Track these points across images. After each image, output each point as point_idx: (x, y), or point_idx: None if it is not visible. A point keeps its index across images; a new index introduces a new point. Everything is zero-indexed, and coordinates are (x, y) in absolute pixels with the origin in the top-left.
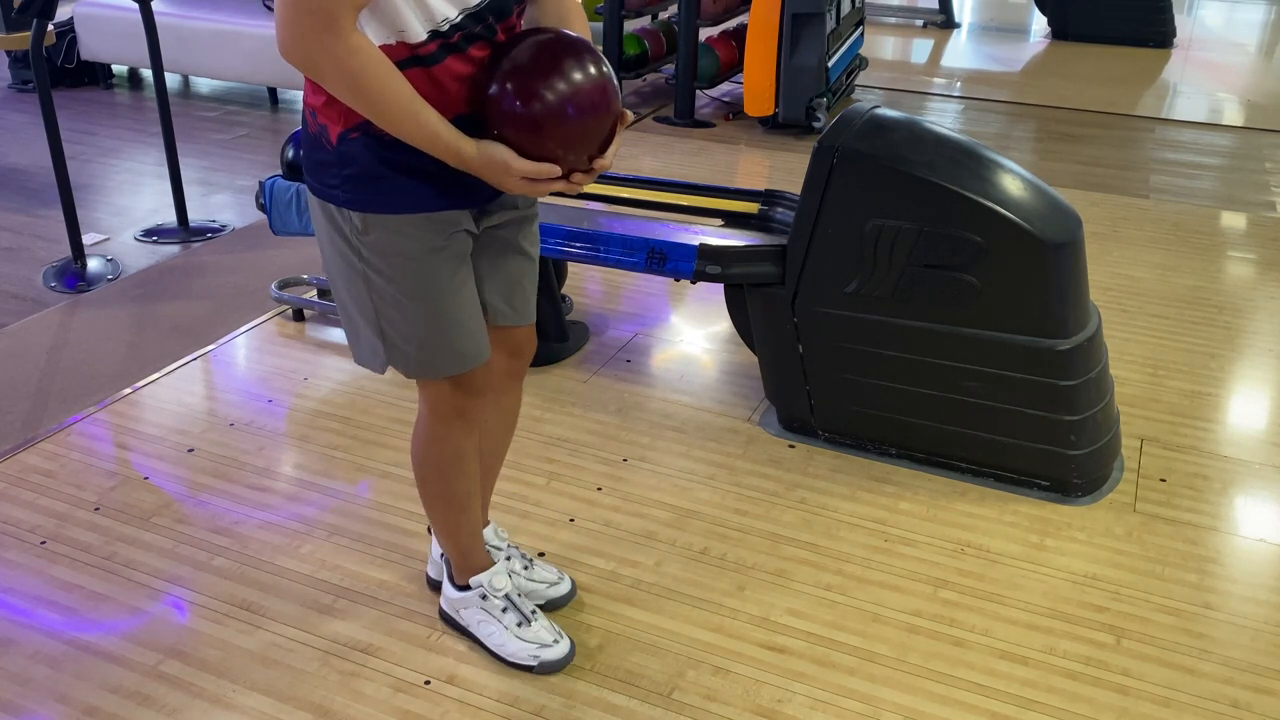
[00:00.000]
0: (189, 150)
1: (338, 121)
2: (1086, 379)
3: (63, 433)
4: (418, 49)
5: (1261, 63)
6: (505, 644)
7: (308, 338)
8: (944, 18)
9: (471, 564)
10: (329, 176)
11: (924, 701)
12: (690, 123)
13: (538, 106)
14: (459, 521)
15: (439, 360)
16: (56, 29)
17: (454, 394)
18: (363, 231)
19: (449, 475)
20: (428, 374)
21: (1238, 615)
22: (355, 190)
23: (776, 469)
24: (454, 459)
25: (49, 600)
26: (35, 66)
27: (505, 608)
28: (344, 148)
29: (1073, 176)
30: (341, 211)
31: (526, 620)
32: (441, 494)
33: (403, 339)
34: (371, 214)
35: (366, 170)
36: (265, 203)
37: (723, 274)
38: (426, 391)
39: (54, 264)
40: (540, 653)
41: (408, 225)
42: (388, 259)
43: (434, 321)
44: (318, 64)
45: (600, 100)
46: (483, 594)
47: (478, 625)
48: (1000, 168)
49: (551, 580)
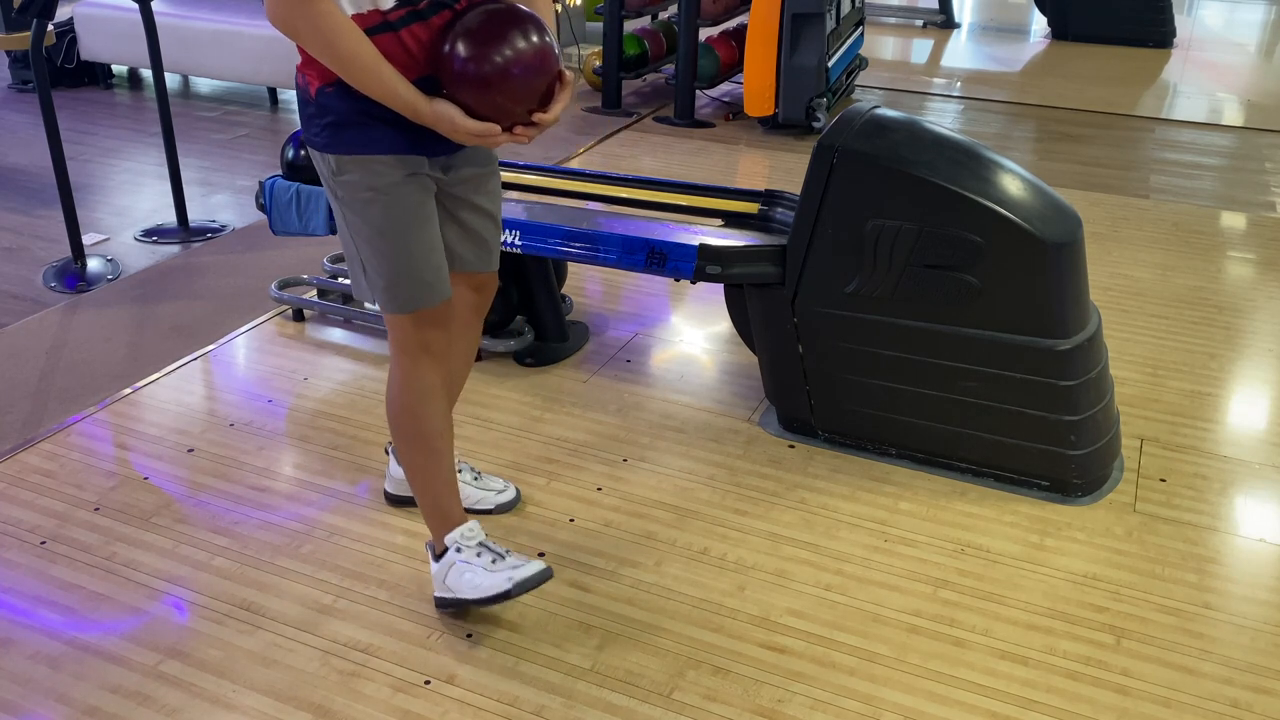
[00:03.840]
0: (189, 150)
1: (317, 78)
2: (1086, 379)
3: (63, 433)
4: (388, 14)
5: (1261, 63)
6: (481, 582)
7: (308, 338)
8: (944, 18)
9: (448, 519)
10: (313, 126)
11: (924, 701)
12: (690, 123)
13: (483, 66)
14: (431, 468)
15: (405, 293)
16: (56, 29)
17: (416, 329)
18: (339, 172)
19: (420, 414)
20: (395, 307)
21: (1238, 615)
22: (331, 135)
23: (776, 469)
24: (422, 396)
25: (49, 600)
26: (35, 66)
27: (479, 552)
28: (322, 100)
29: (1073, 176)
30: (324, 156)
31: (500, 557)
32: (414, 433)
33: (374, 270)
34: (344, 155)
35: (340, 118)
36: (265, 203)
37: (723, 274)
38: (394, 330)
39: (54, 264)
40: (513, 574)
41: (375, 164)
42: (358, 195)
43: (399, 254)
44: (296, 28)
45: (535, 61)
46: (458, 547)
47: (459, 580)
48: (1000, 168)
49: (498, 489)
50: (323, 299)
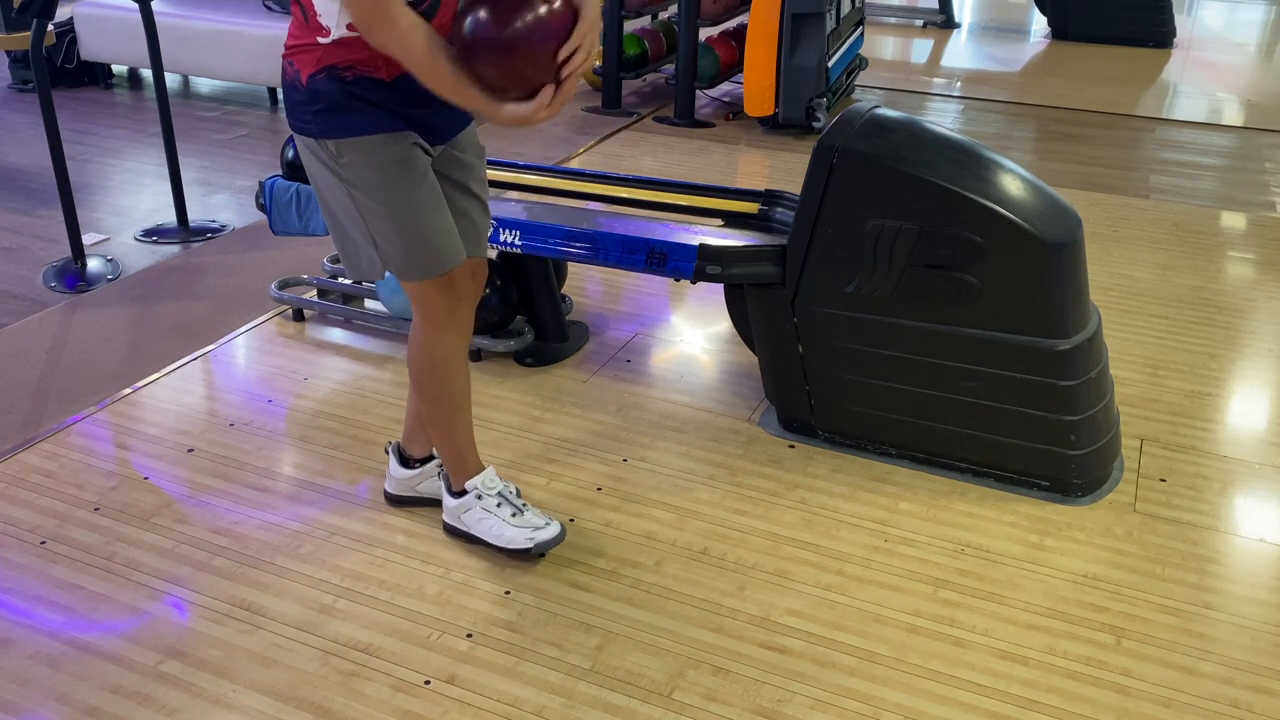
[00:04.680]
0: (189, 150)
1: (307, 66)
2: (1086, 379)
3: (63, 433)
4: (418, 5)
5: (1261, 63)
6: (503, 532)
7: (308, 338)
8: (944, 18)
9: (466, 467)
10: (303, 113)
11: (924, 701)
12: (690, 123)
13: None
14: (454, 422)
15: (423, 258)
16: (56, 29)
17: (440, 297)
18: (338, 155)
19: (443, 377)
20: (415, 273)
21: (1238, 615)
22: (326, 121)
23: (776, 469)
24: (446, 360)
25: (49, 600)
26: (35, 66)
27: (500, 503)
28: (313, 86)
29: (1073, 176)
30: (320, 142)
31: (519, 510)
32: (437, 395)
33: (389, 244)
34: (341, 139)
35: (332, 104)
36: (265, 203)
37: (723, 274)
38: (418, 298)
39: (54, 264)
40: (534, 534)
41: (372, 144)
42: (362, 175)
43: (411, 222)
44: (385, 44)
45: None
46: (478, 494)
47: (478, 524)
48: (1000, 168)
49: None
50: (323, 299)
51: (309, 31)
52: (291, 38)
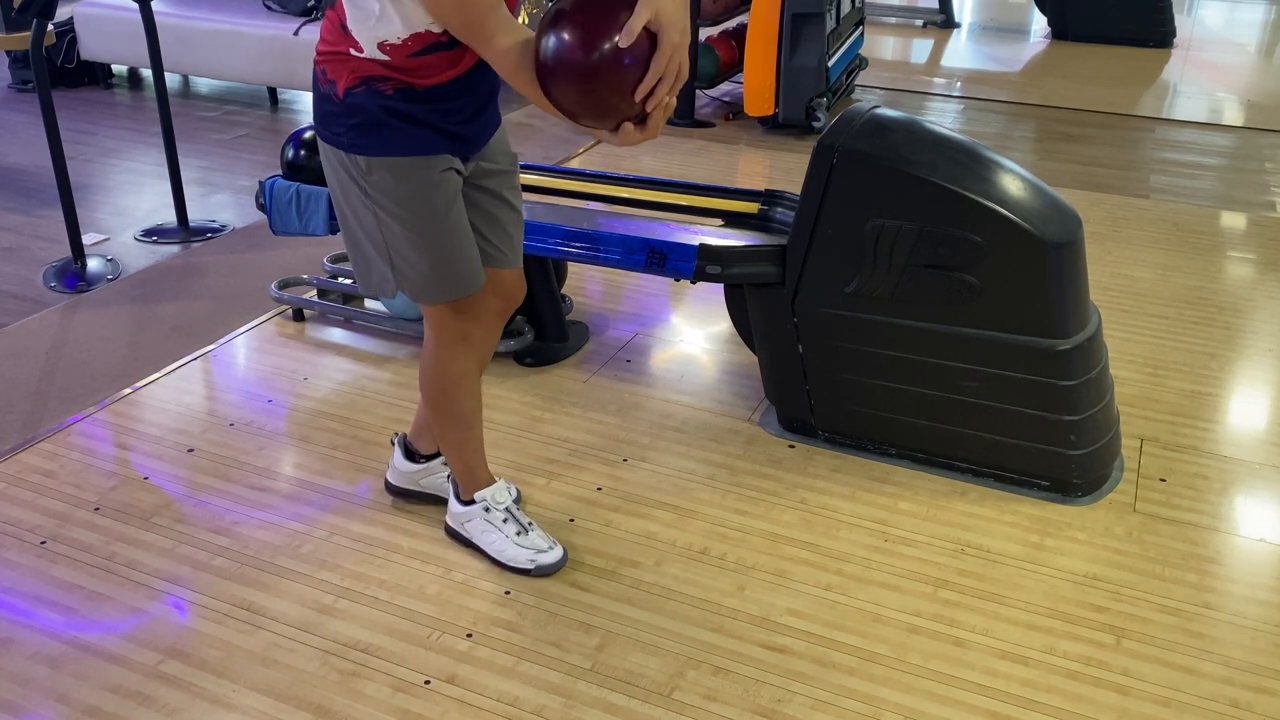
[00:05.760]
0: (189, 150)
1: (343, 77)
2: (1086, 379)
3: (63, 433)
4: (440, 35)
5: (1261, 63)
6: (505, 550)
7: (308, 338)
8: (944, 18)
9: (476, 480)
10: (336, 125)
11: (924, 701)
12: (690, 123)
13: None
14: (465, 439)
15: (441, 283)
16: (56, 29)
17: (456, 319)
18: (368, 172)
19: (454, 395)
20: (432, 296)
21: (1238, 615)
22: (360, 136)
23: (776, 469)
24: (458, 380)
25: (49, 600)
26: (35, 66)
27: (505, 519)
28: (350, 100)
29: (1073, 176)
30: (350, 156)
31: (524, 529)
32: (449, 412)
33: (408, 265)
34: (374, 156)
35: (369, 119)
36: (265, 203)
37: (723, 274)
38: (432, 318)
39: (54, 264)
40: (537, 557)
41: (405, 165)
42: (391, 195)
43: (434, 248)
44: (490, 60)
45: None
46: (485, 507)
47: (481, 535)
48: (1000, 168)
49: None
50: (323, 299)
51: (344, 40)
52: (324, 43)
